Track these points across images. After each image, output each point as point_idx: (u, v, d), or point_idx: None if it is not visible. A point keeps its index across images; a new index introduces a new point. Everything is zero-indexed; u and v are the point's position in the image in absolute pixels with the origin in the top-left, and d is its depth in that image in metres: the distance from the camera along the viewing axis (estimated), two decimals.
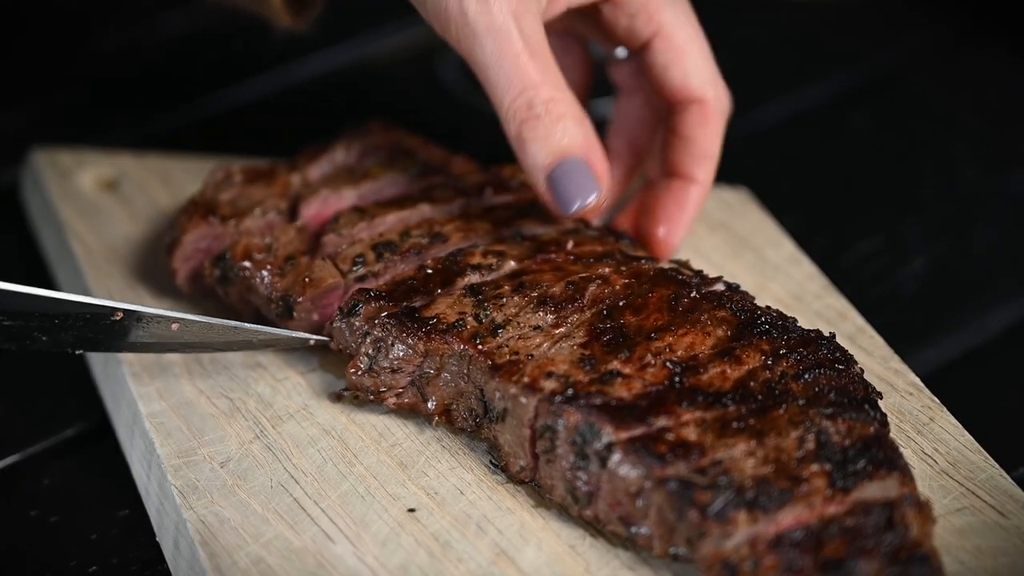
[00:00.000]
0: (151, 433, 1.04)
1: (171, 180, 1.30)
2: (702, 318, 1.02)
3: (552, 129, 1.04)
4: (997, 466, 1.03)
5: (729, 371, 0.98)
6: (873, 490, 0.92)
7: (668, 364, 0.99)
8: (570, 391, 0.97)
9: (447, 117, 1.49)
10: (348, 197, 1.15)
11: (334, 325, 1.06)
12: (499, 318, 1.03)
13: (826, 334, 1.02)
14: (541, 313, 1.04)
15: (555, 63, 1.05)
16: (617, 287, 1.05)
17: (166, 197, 1.28)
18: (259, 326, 1.06)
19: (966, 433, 1.06)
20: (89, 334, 1.02)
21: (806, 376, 0.98)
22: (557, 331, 1.02)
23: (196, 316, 1.04)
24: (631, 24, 1.12)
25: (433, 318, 1.03)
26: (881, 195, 1.41)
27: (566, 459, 0.96)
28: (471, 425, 1.03)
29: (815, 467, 0.92)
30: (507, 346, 1.02)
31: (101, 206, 1.27)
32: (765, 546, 0.89)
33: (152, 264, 1.20)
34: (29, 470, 1.12)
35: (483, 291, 1.05)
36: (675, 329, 1.01)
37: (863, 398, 0.97)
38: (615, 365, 0.99)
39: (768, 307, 1.05)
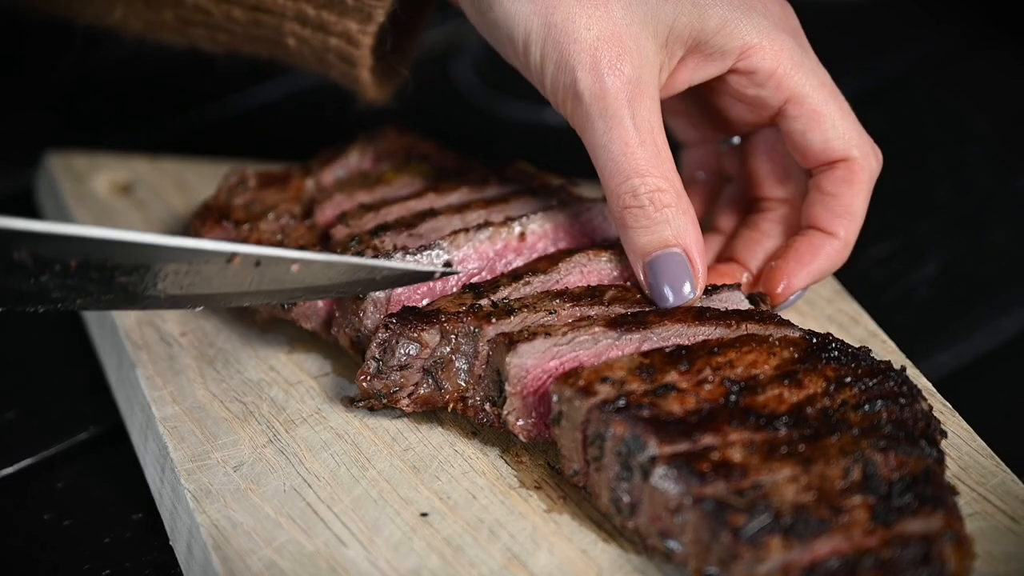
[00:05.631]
0: (164, 437, 1.05)
1: (185, 184, 1.30)
2: (771, 337, 1.01)
3: (654, 218, 1.03)
4: (1009, 471, 1.03)
5: (787, 394, 0.97)
6: (915, 526, 0.90)
7: (726, 382, 0.97)
8: (622, 401, 0.95)
9: (461, 121, 1.50)
10: (362, 202, 1.16)
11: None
12: (515, 305, 1.03)
13: (897, 367, 1.00)
14: (558, 301, 1.04)
15: (667, 149, 1.04)
16: (637, 296, 1.05)
17: (180, 201, 1.28)
18: (380, 261, 1.03)
19: (978, 438, 1.05)
20: (206, 287, 0.96)
21: (866, 407, 0.96)
22: (574, 313, 1.03)
23: (316, 255, 1.00)
24: (759, 93, 1.08)
25: (435, 311, 1.03)
26: (893, 199, 1.41)
27: (612, 469, 0.95)
28: (487, 415, 1.03)
29: (858, 499, 0.90)
30: (521, 324, 1.02)
31: (115, 210, 1.27)
32: (798, 573, 0.88)
33: None
34: (43, 473, 1.12)
35: (482, 288, 1.06)
36: (739, 345, 1.00)
37: (921, 433, 0.95)
38: (673, 377, 0.97)
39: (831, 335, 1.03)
